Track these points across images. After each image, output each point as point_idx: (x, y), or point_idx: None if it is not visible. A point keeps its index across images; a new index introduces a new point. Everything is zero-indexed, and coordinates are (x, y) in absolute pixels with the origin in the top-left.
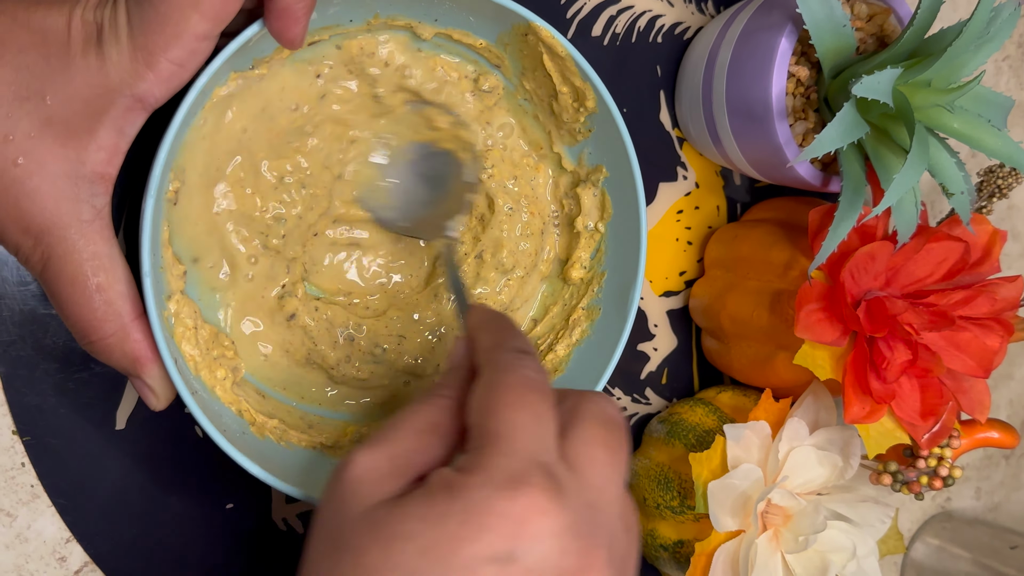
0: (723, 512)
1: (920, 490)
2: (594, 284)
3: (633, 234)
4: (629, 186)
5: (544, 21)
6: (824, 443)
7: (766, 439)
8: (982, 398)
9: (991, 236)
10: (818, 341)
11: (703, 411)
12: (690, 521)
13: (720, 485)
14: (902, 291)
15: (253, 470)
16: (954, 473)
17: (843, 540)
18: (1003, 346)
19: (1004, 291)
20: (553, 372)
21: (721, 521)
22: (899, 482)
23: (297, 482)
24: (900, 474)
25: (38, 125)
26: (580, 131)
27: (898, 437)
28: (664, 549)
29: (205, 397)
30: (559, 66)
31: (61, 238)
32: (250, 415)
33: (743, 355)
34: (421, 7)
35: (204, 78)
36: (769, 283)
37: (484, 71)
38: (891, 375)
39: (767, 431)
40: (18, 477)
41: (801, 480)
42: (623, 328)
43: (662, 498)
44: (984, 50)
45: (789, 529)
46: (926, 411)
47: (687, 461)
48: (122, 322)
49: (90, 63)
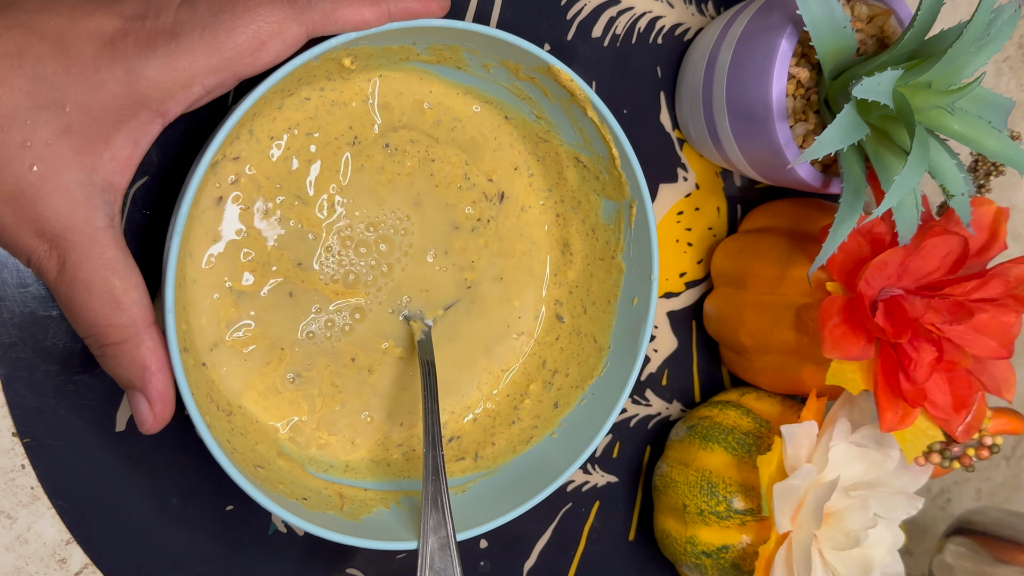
0: (783, 514)
1: (971, 463)
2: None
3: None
4: (646, 263)
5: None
6: (862, 439)
7: (813, 438)
8: (1006, 375)
9: (995, 215)
10: (846, 358)
11: (735, 414)
12: (735, 526)
13: (785, 487)
14: (915, 284)
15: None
16: (997, 440)
17: (883, 534)
18: (1019, 320)
19: (1017, 271)
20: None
21: (781, 523)
22: (948, 458)
23: (311, 517)
24: (947, 451)
25: (56, 133)
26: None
27: (932, 435)
28: (707, 556)
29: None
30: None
31: (76, 243)
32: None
33: (768, 367)
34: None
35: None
36: (787, 297)
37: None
38: (920, 375)
39: (815, 430)
40: (18, 479)
41: (843, 477)
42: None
43: (706, 504)
44: (984, 51)
45: (832, 527)
46: (958, 404)
47: (733, 465)
48: (136, 328)
49: (117, 75)
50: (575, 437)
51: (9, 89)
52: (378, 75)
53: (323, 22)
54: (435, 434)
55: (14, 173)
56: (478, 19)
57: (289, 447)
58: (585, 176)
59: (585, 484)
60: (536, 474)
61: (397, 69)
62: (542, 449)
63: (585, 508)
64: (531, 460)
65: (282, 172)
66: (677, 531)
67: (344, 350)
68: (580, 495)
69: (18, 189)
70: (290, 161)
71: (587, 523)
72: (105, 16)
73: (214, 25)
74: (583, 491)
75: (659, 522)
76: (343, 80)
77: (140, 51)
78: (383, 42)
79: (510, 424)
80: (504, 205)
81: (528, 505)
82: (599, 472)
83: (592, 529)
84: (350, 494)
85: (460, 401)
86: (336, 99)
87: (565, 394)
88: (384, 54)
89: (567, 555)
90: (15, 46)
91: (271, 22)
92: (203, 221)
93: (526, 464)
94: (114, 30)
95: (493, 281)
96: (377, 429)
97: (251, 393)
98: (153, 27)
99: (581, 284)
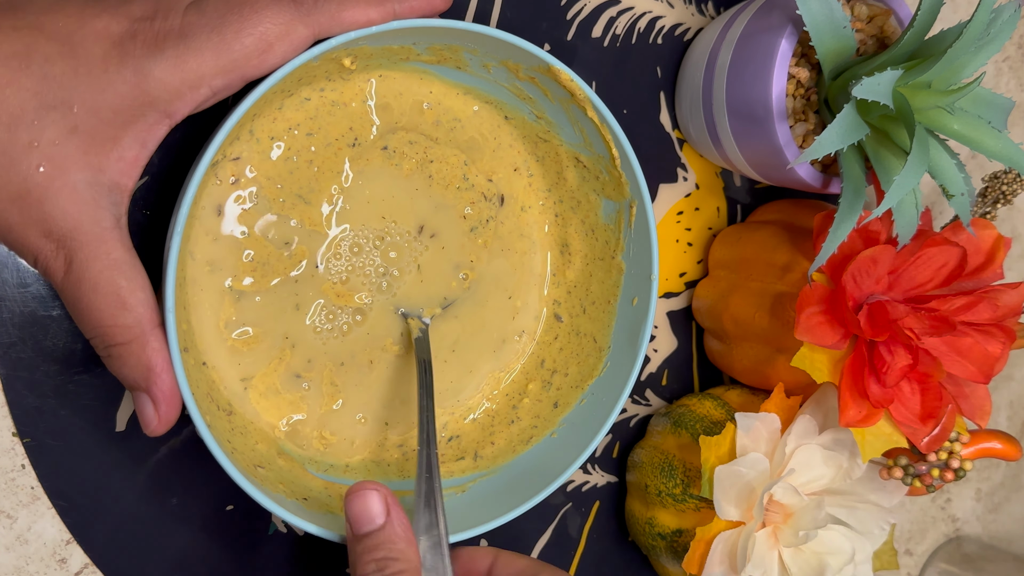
0: (727, 500)
1: (932, 483)
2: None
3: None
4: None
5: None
6: (831, 443)
7: (775, 432)
8: (983, 403)
9: (995, 242)
10: (818, 344)
11: (711, 404)
12: (691, 510)
13: (727, 471)
14: (904, 296)
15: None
16: (965, 465)
17: (842, 543)
18: (1004, 353)
19: (1006, 298)
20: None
21: (724, 508)
22: (910, 475)
23: (311, 517)
24: (911, 467)
25: (63, 133)
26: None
27: (895, 440)
28: (662, 538)
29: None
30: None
31: (83, 243)
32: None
33: (744, 356)
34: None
35: (250, 100)
36: (770, 285)
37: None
38: (891, 379)
39: (777, 424)
40: (18, 479)
41: (805, 478)
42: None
43: (664, 485)
44: (984, 51)
45: (789, 525)
46: (926, 414)
47: (692, 450)
48: (142, 328)
49: (124, 76)
50: (575, 437)
51: (17, 89)
52: (378, 75)
53: (329, 24)
54: (430, 432)
55: (21, 173)
56: (478, 19)
57: (289, 447)
58: (585, 176)
59: (585, 484)
60: (536, 474)
61: (397, 69)
62: (542, 449)
63: (585, 508)
64: (531, 460)
65: (283, 172)
66: (640, 512)
67: (345, 350)
68: (580, 495)
69: (25, 189)
70: (291, 161)
71: (587, 523)
72: (113, 17)
73: (221, 27)
74: (583, 491)
75: (627, 504)
76: (343, 80)
77: (148, 52)
78: (383, 42)
79: (509, 424)
80: (504, 205)
81: (528, 505)
82: (599, 472)
83: (592, 529)
84: None
85: (460, 401)
86: (336, 99)
87: (565, 394)
88: (384, 54)
89: (567, 555)
90: (23, 46)
91: (278, 24)
92: (203, 221)
93: (526, 464)
94: (122, 31)
95: (493, 281)
96: (377, 429)
97: (251, 393)
98: (161, 28)
99: (581, 284)
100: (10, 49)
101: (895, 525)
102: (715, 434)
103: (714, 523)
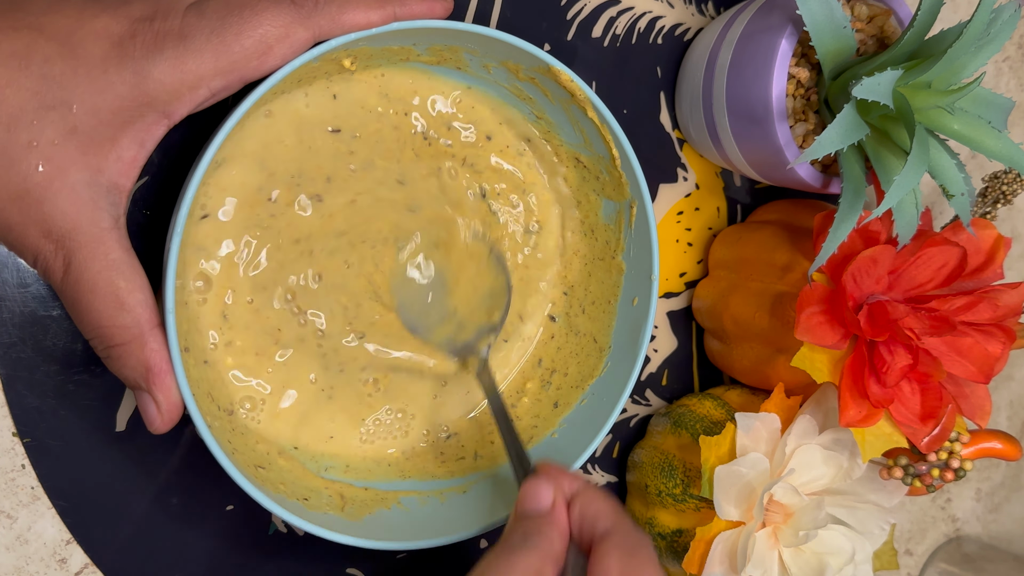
0: (727, 500)
1: (932, 483)
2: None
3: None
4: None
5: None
6: (831, 443)
7: (775, 432)
8: (983, 403)
9: (995, 242)
10: (818, 344)
11: (711, 404)
12: (691, 510)
13: (727, 471)
14: (904, 296)
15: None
16: (965, 465)
17: (842, 543)
18: (1004, 353)
19: (1006, 298)
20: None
21: (724, 508)
22: (910, 475)
23: (311, 517)
24: (911, 467)
25: (63, 133)
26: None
27: (895, 440)
28: (662, 538)
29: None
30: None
31: (82, 243)
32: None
33: (744, 356)
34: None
35: (249, 102)
36: (770, 285)
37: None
38: (891, 379)
39: (777, 424)
40: (18, 479)
41: (806, 478)
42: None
43: (664, 485)
44: (984, 51)
45: (789, 525)
46: (926, 414)
47: (693, 450)
48: (140, 329)
49: (124, 77)
50: (575, 437)
51: (16, 89)
52: (378, 75)
53: (329, 26)
54: (520, 454)
55: (20, 173)
56: (478, 19)
57: (289, 447)
58: (585, 176)
59: None
60: None
61: (397, 69)
62: (542, 449)
63: None
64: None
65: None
66: (640, 512)
67: (346, 352)
68: None
69: (24, 189)
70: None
71: None
72: (113, 17)
73: (221, 28)
74: None
75: (627, 504)
76: (343, 81)
77: (148, 53)
78: (383, 43)
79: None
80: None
81: None
82: (599, 472)
83: None
84: (351, 494)
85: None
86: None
87: (565, 394)
88: (384, 55)
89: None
90: (22, 46)
91: (278, 26)
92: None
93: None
94: (122, 31)
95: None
96: (377, 430)
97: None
98: (161, 29)
99: (581, 284)
100: (9, 49)
101: (895, 525)
102: (715, 434)
103: (714, 523)
